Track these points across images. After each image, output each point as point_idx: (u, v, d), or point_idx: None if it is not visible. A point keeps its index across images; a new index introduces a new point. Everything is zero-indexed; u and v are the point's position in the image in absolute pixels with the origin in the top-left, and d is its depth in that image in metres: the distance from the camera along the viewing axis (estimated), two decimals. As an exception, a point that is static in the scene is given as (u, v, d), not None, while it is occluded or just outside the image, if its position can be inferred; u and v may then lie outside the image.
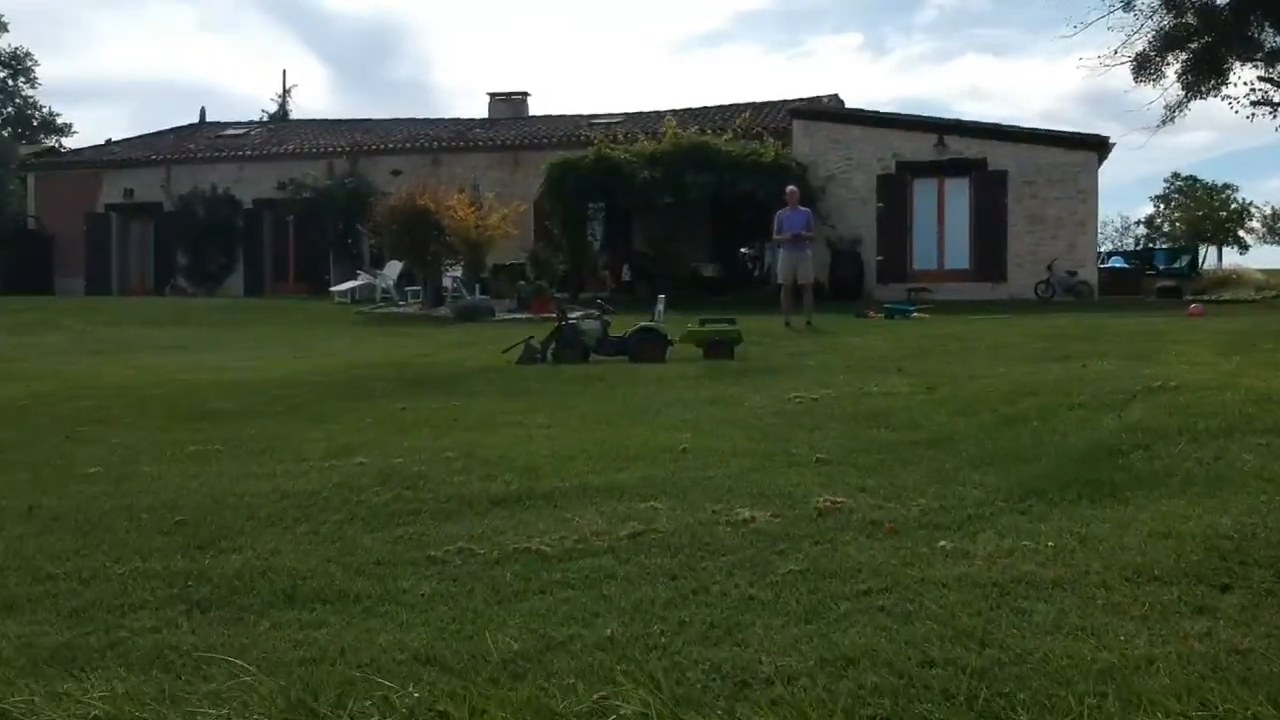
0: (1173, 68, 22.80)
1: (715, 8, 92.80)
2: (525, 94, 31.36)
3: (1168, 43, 22.34)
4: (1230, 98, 23.34)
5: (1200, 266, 32.58)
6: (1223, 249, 57.52)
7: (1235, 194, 59.93)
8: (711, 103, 28.20)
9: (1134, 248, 49.74)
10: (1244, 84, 23.66)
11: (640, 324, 11.26)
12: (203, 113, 34.71)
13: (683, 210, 22.12)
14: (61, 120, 50.12)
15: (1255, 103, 23.91)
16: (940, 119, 24.34)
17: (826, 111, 25.47)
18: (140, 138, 33.03)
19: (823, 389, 7.51)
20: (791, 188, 15.99)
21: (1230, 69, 22.56)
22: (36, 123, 49.31)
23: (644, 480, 4.69)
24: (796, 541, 3.73)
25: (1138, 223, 63.12)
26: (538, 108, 31.27)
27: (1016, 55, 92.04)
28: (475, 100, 50.85)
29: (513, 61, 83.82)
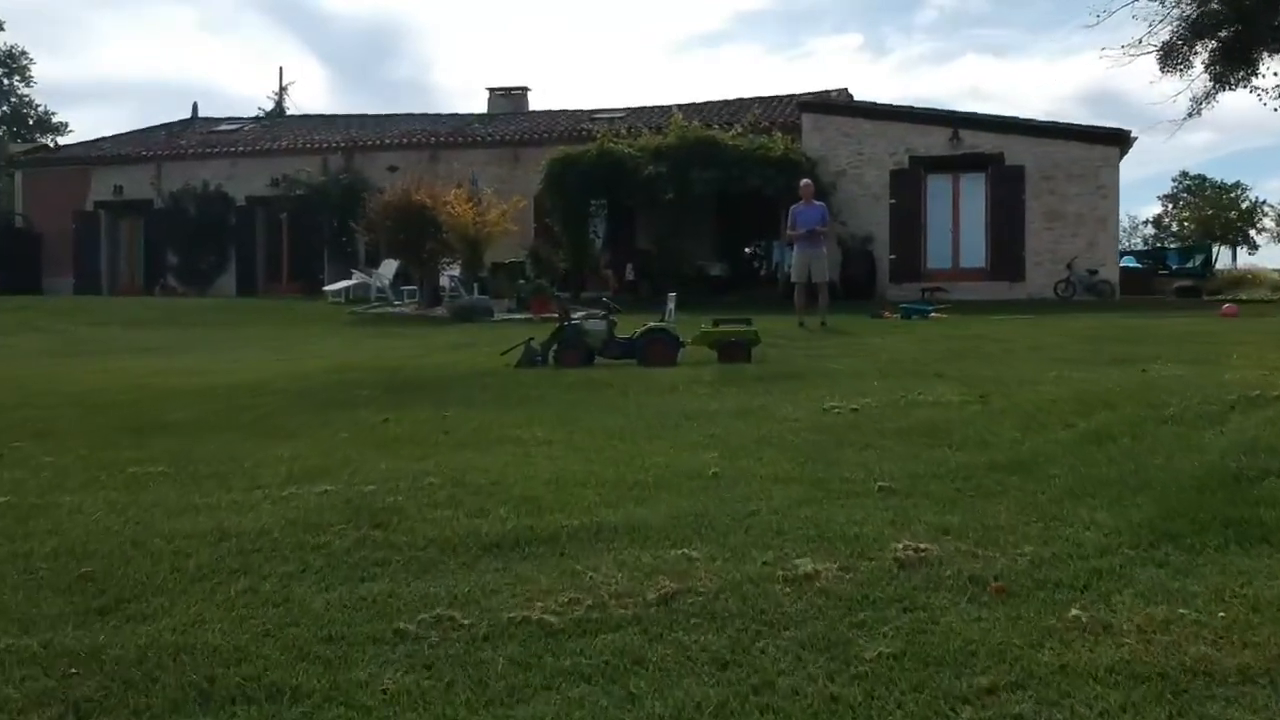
0: (1200, 57, 21.86)
1: (715, 8, 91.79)
2: (525, 89, 30.51)
3: (1195, 31, 21.41)
4: (1259, 89, 22.42)
5: (1213, 266, 31.72)
6: (1236, 248, 56.55)
7: (1246, 192, 58.93)
8: (716, 97, 27.34)
9: (1143, 247, 48.90)
10: (1274, 74, 22.74)
11: (649, 324, 10.37)
12: (195, 108, 33.74)
13: (687, 207, 21.21)
14: (58, 119, 49.77)
15: (1284, 95, 22.95)
16: (955, 112, 23.40)
17: (837, 105, 24.53)
18: (130, 134, 32.12)
19: (861, 398, 6.63)
20: (806, 181, 15.19)
21: (1260, 59, 21.62)
22: (32, 121, 48.76)
23: (671, 517, 3.80)
24: (879, 608, 2.86)
25: (1145, 222, 62.20)
26: (538, 104, 30.46)
27: (1017, 56, 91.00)
28: (475, 100, 49.87)
29: (513, 62, 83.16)
